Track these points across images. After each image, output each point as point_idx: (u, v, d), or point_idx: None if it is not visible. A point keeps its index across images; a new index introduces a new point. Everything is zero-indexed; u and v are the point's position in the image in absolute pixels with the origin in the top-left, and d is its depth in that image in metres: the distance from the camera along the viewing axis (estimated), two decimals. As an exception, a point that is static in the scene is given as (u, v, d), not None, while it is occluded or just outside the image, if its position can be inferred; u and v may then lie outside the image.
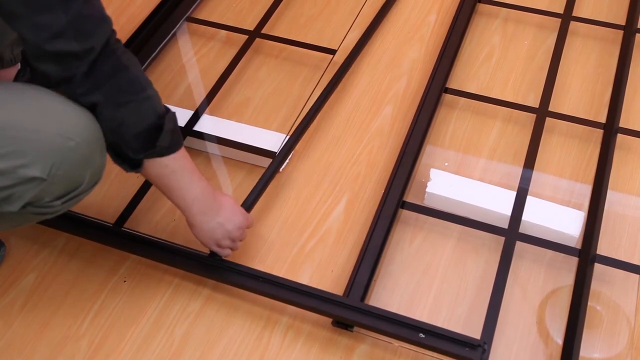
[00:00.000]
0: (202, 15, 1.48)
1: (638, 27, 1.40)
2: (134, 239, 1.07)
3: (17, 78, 1.07)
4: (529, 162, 1.19)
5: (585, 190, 1.18)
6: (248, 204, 1.09)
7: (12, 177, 0.80)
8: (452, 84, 1.34)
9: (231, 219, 1.01)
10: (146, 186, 1.15)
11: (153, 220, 1.14)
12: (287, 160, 1.21)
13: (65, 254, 1.11)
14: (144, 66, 1.35)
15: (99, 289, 1.07)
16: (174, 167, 0.93)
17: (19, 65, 1.23)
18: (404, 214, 1.15)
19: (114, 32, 0.86)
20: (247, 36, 1.41)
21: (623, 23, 1.42)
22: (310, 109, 1.23)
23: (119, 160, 0.92)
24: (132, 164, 0.91)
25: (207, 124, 1.25)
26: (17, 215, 0.86)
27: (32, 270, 1.09)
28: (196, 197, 0.96)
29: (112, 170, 1.19)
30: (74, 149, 0.83)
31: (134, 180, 1.17)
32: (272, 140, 1.22)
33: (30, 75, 0.91)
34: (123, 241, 1.07)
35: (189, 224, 1.00)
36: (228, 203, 1.01)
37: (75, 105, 0.85)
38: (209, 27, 1.45)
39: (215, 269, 1.04)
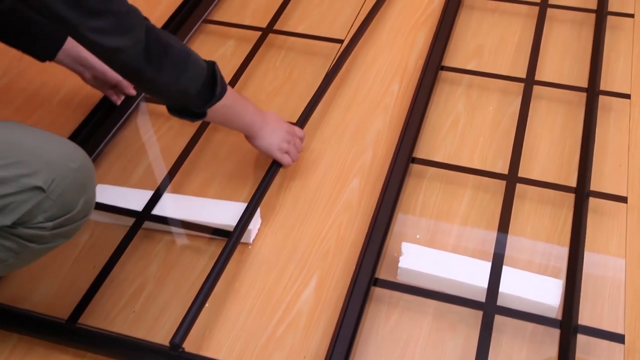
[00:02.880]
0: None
1: (600, 89, 1.44)
2: (89, 335, 1.03)
3: None
4: (503, 231, 1.20)
5: (562, 256, 1.18)
6: (205, 290, 1.06)
7: (14, 185, 0.85)
8: (419, 153, 1.35)
9: (280, 125, 1.26)
10: (103, 275, 1.12)
11: (111, 314, 1.11)
12: (253, 235, 1.20)
13: (16, 356, 1.06)
14: (94, 154, 1.34)
15: (53, 391, 1.02)
16: (229, 103, 1.13)
17: None
18: (377, 291, 1.14)
19: (145, 17, 0.99)
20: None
21: (585, 85, 1.46)
22: (267, 183, 1.23)
23: (183, 116, 1.11)
24: (197, 115, 1.11)
25: (169, 203, 1.24)
26: (7, 242, 0.89)
27: (-21, 375, 1.04)
28: (252, 117, 1.20)
29: (65, 263, 1.17)
30: (75, 170, 0.90)
31: (89, 272, 1.14)
32: (234, 215, 1.21)
33: None
34: (78, 338, 1.03)
35: (250, 139, 1.24)
36: (272, 114, 1.26)
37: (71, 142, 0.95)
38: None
39: (179, 362, 1.00)
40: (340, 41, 1.57)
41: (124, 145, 1.38)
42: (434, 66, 1.48)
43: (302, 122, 1.34)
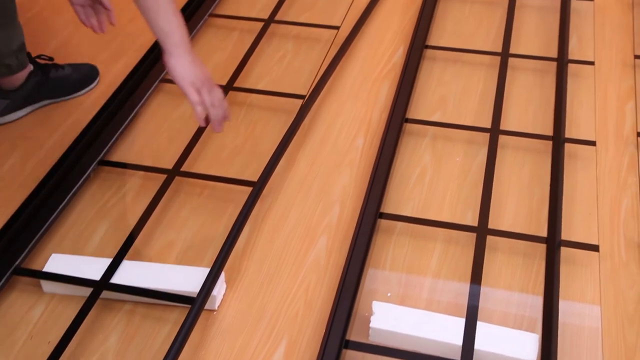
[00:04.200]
0: (116, 156, 1.47)
1: (565, 136, 1.45)
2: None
3: (29, 79, 1.48)
4: (475, 285, 1.18)
5: (537, 307, 1.17)
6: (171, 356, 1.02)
7: None
8: (387, 207, 1.35)
9: (202, 66, 1.20)
10: (58, 351, 1.07)
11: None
12: (218, 301, 1.17)
13: None
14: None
15: None
16: None
17: (30, 67, 1.50)
18: (349, 354, 1.11)
19: None
20: (166, 175, 1.39)
21: (550, 133, 1.48)
22: (230, 246, 1.20)
23: None
24: None
25: (129, 271, 1.21)
26: None
27: None
28: (181, 24, 1.16)
29: (18, 340, 1.13)
30: None
31: (44, 349, 1.10)
32: (197, 281, 1.18)
33: (42, 76, 1.33)
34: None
35: (169, 55, 1.16)
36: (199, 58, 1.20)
37: None
38: (124, 169, 1.43)
39: None
40: (302, 97, 1.57)
41: (79, 211, 1.35)
42: (398, 119, 1.49)
43: (264, 178, 1.33)
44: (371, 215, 1.28)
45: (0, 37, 1.40)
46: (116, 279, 1.19)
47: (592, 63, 1.67)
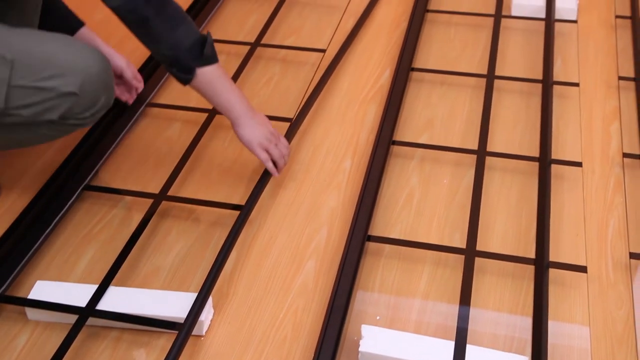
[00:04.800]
0: (102, 182, 1.46)
1: (552, 157, 1.47)
2: None
3: None
4: (464, 307, 1.19)
5: (527, 328, 1.18)
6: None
7: (53, 92, 1.16)
8: (375, 230, 1.35)
9: (266, 123, 1.36)
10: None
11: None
12: (205, 326, 1.17)
13: None
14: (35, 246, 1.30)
15: None
16: (218, 73, 1.28)
17: None
18: (338, 379, 1.11)
19: None
20: (152, 200, 1.39)
21: (537, 154, 1.49)
22: (217, 271, 1.20)
23: (174, 71, 1.26)
24: (186, 71, 1.25)
25: (115, 297, 1.20)
26: (57, 126, 1.22)
27: None
28: (238, 97, 1.31)
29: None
30: (97, 73, 1.20)
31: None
32: (184, 306, 1.17)
33: None
34: None
35: (235, 125, 1.32)
36: (261, 113, 1.36)
37: (88, 46, 1.22)
38: (110, 195, 1.43)
39: None
40: (289, 119, 1.58)
41: (65, 237, 1.34)
42: (385, 141, 1.50)
43: (251, 202, 1.33)
44: (359, 238, 1.28)
45: None
46: (102, 305, 1.18)
47: (576, 84, 1.69)
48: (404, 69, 1.70)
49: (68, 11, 1.44)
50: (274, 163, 1.37)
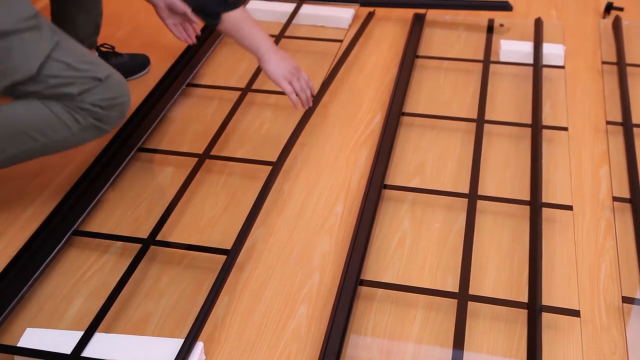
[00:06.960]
0: (93, 227, 1.47)
1: (543, 201, 1.49)
2: None
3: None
4: (458, 351, 1.19)
5: (521, 375, 1.18)
6: None
7: (83, 73, 1.32)
8: (367, 274, 1.36)
9: (289, 58, 1.51)
10: None
11: None
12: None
13: None
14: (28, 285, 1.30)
15: None
16: (244, 16, 1.47)
17: (95, 52, 1.84)
18: None
19: None
20: (141, 245, 1.39)
21: (528, 198, 1.51)
22: (204, 316, 1.20)
23: (201, 15, 1.49)
24: (212, 17, 1.45)
25: (102, 344, 1.19)
26: (71, 106, 1.32)
27: None
28: (264, 36, 1.49)
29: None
30: (121, 79, 1.39)
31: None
32: (173, 353, 1.17)
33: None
34: None
35: (261, 62, 1.49)
36: (284, 51, 1.53)
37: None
38: (101, 240, 1.44)
39: None
40: (281, 165, 1.59)
41: (56, 284, 1.34)
42: (377, 185, 1.52)
43: (237, 246, 1.34)
44: (351, 282, 1.29)
45: (82, 20, 1.73)
46: (88, 352, 1.18)
47: (565, 129, 1.72)
48: (395, 114, 1.73)
49: None
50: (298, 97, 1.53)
